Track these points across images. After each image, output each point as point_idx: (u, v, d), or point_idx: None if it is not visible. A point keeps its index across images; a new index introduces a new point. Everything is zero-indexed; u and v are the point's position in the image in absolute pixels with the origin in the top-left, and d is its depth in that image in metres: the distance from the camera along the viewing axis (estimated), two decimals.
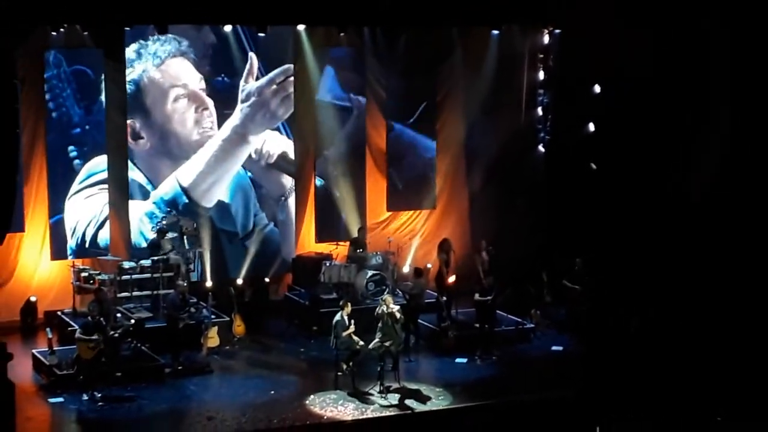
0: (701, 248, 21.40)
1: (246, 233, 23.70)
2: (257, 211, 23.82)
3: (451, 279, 21.63)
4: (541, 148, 25.14)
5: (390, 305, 18.58)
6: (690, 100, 21.88)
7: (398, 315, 18.51)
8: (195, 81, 23.13)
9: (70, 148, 22.22)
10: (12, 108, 16.03)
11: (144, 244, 22.46)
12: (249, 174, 23.68)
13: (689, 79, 21.84)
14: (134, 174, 22.80)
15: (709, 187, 21.36)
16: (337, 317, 18.67)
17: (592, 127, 23.89)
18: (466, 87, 25.12)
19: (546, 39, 25.00)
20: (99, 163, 22.43)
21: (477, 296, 20.52)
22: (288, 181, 24.00)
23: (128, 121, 22.64)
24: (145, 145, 22.85)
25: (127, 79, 22.51)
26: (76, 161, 22.31)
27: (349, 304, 18.99)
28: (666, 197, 22.09)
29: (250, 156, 23.60)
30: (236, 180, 23.57)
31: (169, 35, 22.63)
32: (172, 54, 22.89)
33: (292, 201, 24.10)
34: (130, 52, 22.53)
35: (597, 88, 23.64)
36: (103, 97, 22.33)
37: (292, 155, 23.98)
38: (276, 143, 23.80)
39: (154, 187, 22.91)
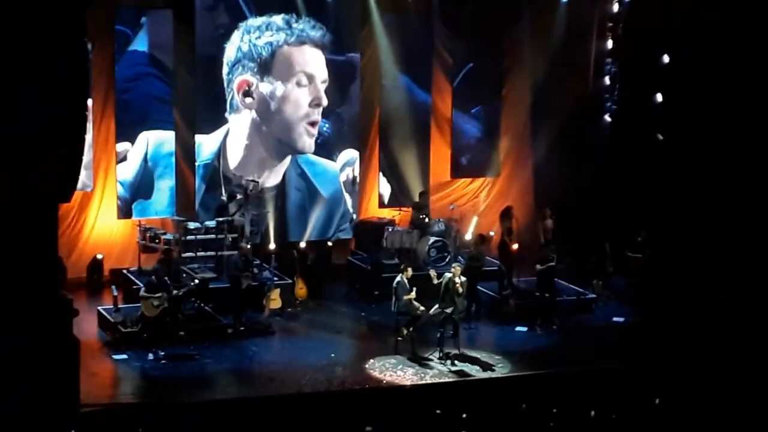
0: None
1: None
2: None
3: (515, 246, 21.57)
4: (607, 117, 24.91)
5: (457, 275, 18.60)
6: (764, 71, 21.54)
7: (460, 289, 18.53)
8: (322, 76, 23.30)
9: None
10: (83, 66, 16.15)
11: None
12: None
13: (763, 49, 21.49)
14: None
15: None
16: (398, 279, 18.75)
17: (660, 97, 23.62)
18: (533, 54, 24.94)
19: (615, 7, 24.70)
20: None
21: (538, 266, 20.48)
22: None
23: (246, 78, 22.82)
24: (251, 106, 22.95)
25: (265, 41, 22.77)
26: None
27: (410, 268, 19.03)
28: (735, 171, 21.81)
29: None
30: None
31: (319, 23, 23.06)
32: (314, 42, 23.15)
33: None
34: (278, 18, 22.83)
35: (666, 58, 23.36)
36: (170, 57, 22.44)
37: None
38: None
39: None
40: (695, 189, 22.12)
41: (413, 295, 18.62)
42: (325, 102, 23.38)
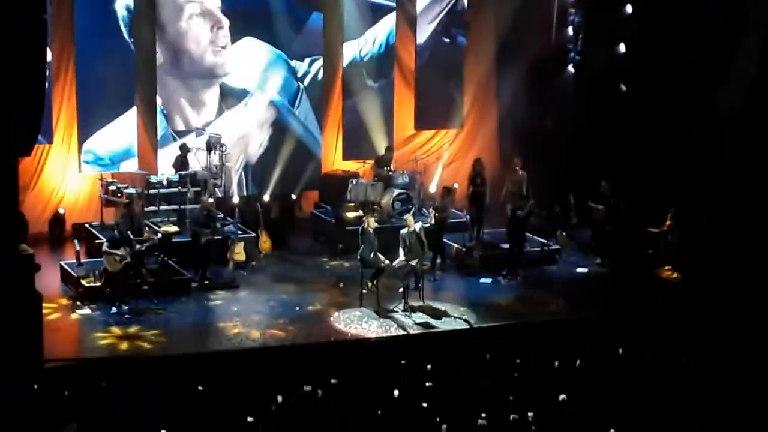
0: (730, 170, 21.17)
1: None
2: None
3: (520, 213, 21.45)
4: (570, 68, 24.89)
5: (412, 225, 18.62)
6: (723, 21, 21.54)
7: (422, 236, 18.54)
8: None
9: None
10: (40, 18, 15.91)
11: None
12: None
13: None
14: None
15: (740, 109, 21.05)
16: (362, 226, 18.77)
17: (622, 47, 23.62)
18: (496, 5, 24.86)
19: None
20: None
21: (519, 213, 20.41)
22: None
23: None
24: (159, 60, 22.65)
25: None
26: None
27: (372, 218, 19.11)
28: (696, 120, 21.86)
29: None
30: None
31: None
32: None
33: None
34: None
35: (629, 8, 23.34)
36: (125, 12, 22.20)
37: None
38: None
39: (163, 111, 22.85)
40: (656, 138, 22.12)
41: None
42: (225, 22, 22.89)
